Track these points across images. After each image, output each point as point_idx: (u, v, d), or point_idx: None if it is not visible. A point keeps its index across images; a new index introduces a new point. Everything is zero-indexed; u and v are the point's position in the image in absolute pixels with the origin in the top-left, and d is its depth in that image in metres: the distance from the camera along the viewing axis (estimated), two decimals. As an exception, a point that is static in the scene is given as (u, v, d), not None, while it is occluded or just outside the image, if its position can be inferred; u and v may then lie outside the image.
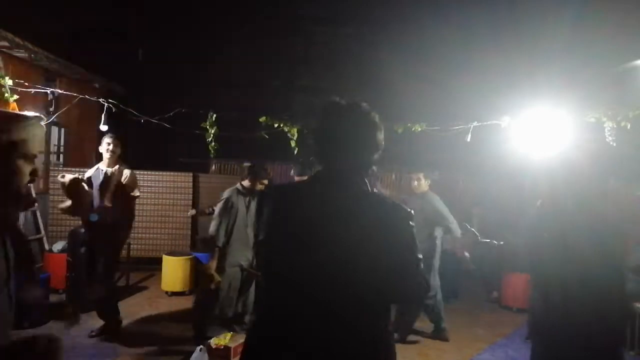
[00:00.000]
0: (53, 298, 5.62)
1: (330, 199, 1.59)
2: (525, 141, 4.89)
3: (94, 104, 5.70)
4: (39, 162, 7.76)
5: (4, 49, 6.30)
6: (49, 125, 7.11)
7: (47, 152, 7.88)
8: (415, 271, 1.58)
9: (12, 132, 1.38)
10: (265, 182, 4.73)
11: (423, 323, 5.66)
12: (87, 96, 5.57)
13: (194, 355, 3.97)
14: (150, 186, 7.92)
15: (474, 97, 8.37)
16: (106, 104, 5.32)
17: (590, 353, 1.98)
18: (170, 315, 5.62)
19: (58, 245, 6.37)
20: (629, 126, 4.47)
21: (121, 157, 4.77)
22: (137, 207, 7.93)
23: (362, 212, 1.55)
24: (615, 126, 4.49)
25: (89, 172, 4.68)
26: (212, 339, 4.19)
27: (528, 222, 2.38)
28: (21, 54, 6.60)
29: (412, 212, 1.60)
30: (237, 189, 4.63)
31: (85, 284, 4.75)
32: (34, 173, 1.45)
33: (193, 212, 7.45)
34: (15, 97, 4.48)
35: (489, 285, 7.11)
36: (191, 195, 7.95)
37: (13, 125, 1.40)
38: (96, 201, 4.52)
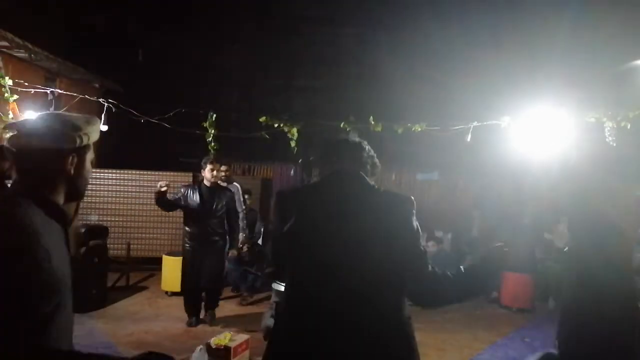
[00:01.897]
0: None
1: (345, 193, 1.84)
2: (525, 141, 4.89)
3: (94, 104, 5.70)
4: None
5: (4, 49, 6.29)
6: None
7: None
8: (422, 251, 1.84)
9: (89, 135, 1.45)
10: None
11: (423, 323, 5.66)
12: (87, 96, 5.57)
13: (194, 355, 3.97)
14: (150, 186, 7.91)
15: (474, 97, 8.37)
16: (106, 104, 5.32)
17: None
18: (170, 315, 5.61)
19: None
20: (629, 126, 4.47)
21: None
22: (137, 207, 7.99)
23: (373, 201, 1.83)
24: (615, 126, 4.49)
25: None
26: (212, 339, 4.18)
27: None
28: (21, 54, 6.60)
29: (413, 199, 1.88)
30: None
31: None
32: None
33: None
34: (15, 97, 4.48)
35: (489, 285, 7.10)
36: (191, 195, 7.95)
37: (91, 128, 1.46)
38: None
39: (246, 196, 6.50)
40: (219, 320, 5.47)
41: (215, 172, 5.20)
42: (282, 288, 3.49)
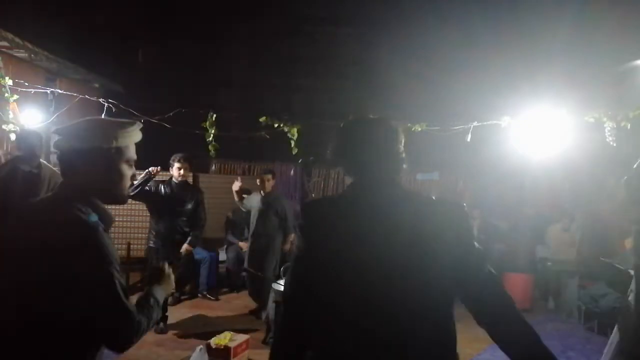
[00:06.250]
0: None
1: (378, 205, 1.53)
2: (525, 141, 4.89)
3: (94, 104, 5.70)
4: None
5: (4, 49, 6.28)
6: (48, 126, 7.10)
7: (47, 152, 7.87)
8: (483, 263, 1.59)
9: (119, 139, 1.51)
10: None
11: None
12: (87, 96, 5.57)
13: (194, 355, 3.97)
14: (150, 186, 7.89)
15: (474, 97, 8.37)
16: (106, 104, 5.32)
17: None
18: (169, 315, 5.60)
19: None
20: (629, 126, 4.47)
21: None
22: (137, 207, 7.96)
23: (414, 212, 1.52)
24: (615, 126, 4.49)
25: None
26: (213, 339, 4.18)
27: None
28: (21, 54, 6.59)
29: (465, 205, 1.60)
30: None
31: None
32: (132, 177, 1.62)
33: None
34: (16, 97, 4.48)
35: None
36: (191, 195, 7.94)
37: (120, 133, 1.52)
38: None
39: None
40: (220, 320, 5.47)
41: (182, 171, 5.30)
42: (282, 288, 3.49)
